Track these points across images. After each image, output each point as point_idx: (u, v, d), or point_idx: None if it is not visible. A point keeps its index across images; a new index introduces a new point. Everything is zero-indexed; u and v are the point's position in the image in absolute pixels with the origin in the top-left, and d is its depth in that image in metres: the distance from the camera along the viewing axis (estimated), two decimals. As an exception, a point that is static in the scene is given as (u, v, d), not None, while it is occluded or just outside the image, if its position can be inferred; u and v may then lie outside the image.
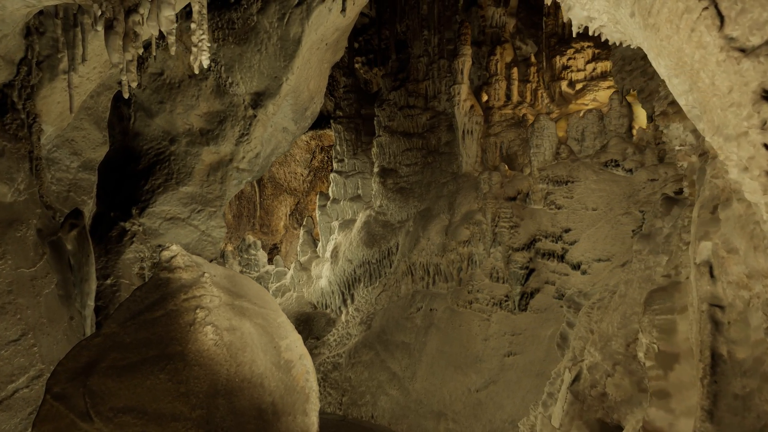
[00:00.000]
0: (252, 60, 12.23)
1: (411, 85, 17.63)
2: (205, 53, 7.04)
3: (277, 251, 26.64)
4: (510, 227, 13.50)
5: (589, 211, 12.95)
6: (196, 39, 7.07)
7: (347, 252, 17.74)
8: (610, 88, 15.06)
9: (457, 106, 15.07)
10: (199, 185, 12.82)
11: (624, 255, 11.70)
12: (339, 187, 19.23)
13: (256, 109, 12.67)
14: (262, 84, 12.52)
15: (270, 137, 13.62)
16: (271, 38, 12.01)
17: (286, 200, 26.23)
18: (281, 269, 20.82)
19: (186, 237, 12.80)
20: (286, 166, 25.57)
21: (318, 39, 12.47)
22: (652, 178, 12.47)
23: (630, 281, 6.70)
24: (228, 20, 11.97)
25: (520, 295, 13.11)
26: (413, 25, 17.75)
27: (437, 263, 14.90)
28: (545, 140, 13.81)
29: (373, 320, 16.09)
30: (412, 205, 16.63)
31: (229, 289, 7.32)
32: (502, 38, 16.23)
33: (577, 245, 12.78)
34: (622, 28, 4.11)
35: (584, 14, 4.48)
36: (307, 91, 13.69)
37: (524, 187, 14.14)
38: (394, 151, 17.52)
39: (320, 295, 18.70)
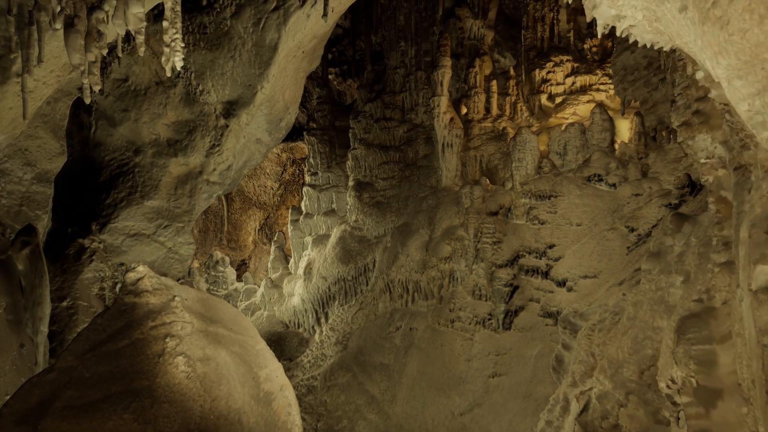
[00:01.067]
0: (225, 67, 11.56)
1: (388, 96, 17.20)
2: (178, 54, 6.39)
3: (246, 267, 25.67)
4: (493, 243, 13.09)
5: (574, 227, 12.66)
6: (168, 38, 6.42)
7: (321, 269, 17.06)
8: (590, 102, 14.94)
9: (436, 119, 14.69)
10: (165, 199, 11.99)
11: (612, 271, 11.41)
12: (312, 201, 18.57)
13: (229, 119, 11.97)
14: (235, 92, 11.84)
15: (243, 148, 12.91)
16: (246, 44, 11.37)
17: (255, 214, 25.36)
18: (251, 287, 19.94)
19: (151, 254, 11.93)
20: (255, 180, 24.75)
21: (295, 46, 11.90)
22: (636, 192, 12.28)
23: (639, 303, 6.29)
24: (199, 24, 11.30)
25: (504, 314, 12.68)
26: (390, 36, 17.38)
27: (417, 280, 14.37)
28: (527, 154, 13.53)
29: (350, 340, 15.40)
30: (390, 220, 16.11)
31: (203, 314, 6.65)
32: (481, 51, 15.98)
33: (561, 261, 12.45)
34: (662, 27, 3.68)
35: (612, 13, 4.05)
36: (283, 101, 13.07)
37: (506, 201, 13.80)
38: (371, 164, 17.01)
39: (293, 314, 17.91)
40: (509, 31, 16.86)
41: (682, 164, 11.81)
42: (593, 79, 15.14)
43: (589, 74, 15.21)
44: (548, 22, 15.81)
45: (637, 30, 4.11)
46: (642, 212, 11.77)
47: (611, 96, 14.95)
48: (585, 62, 15.53)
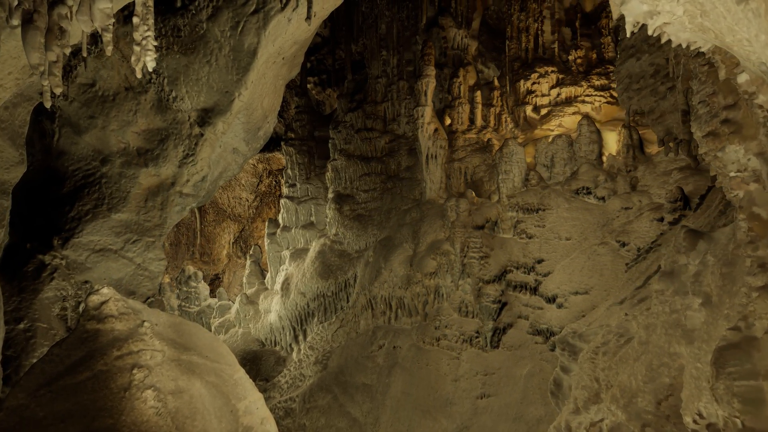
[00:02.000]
0: (200, 72, 10.92)
1: (369, 106, 16.73)
2: (150, 54, 5.78)
3: (219, 282, 24.76)
4: (480, 258, 12.65)
5: (563, 241, 12.31)
6: (139, 36, 5.81)
7: (300, 284, 16.39)
8: (575, 113, 14.71)
9: (420, 129, 14.26)
10: (135, 212, 11.23)
11: (604, 287, 11.06)
12: (290, 213, 17.92)
13: (204, 127, 11.32)
14: (210, 99, 11.20)
15: (218, 159, 12.25)
16: (223, 49, 10.77)
17: (229, 227, 24.53)
18: (225, 303, 19.12)
19: (118, 271, 11.14)
20: (230, 191, 23.95)
21: (275, 52, 11.34)
22: (626, 206, 12.01)
23: (652, 326, 5.86)
24: (173, 27, 10.65)
25: (492, 331, 12.22)
26: (371, 45, 16.95)
27: (401, 296, 13.83)
28: (514, 166, 13.17)
29: (330, 359, 14.74)
30: (372, 234, 15.56)
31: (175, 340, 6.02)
32: (465, 61, 15.66)
33: (551, 277, 12.07)
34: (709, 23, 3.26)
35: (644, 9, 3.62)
36: (261, 109, 12.46)
37: (493, 215, 13.40)
38: (351, 175, 16.48)
39: (269, 332, 17.16)
40: (493, 42, 16.60)
41: (672, 177, 11.59)
42: (578, 91, 14.93)
43: (574, 86, 15.01)
44: (532, 33, 15.60)
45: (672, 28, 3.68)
46: (633, 226, 11.49)
47: (597, 108, 14.75)
48: (570, 74, 15.33)
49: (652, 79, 6.74)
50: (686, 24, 3.47)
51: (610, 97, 14.66)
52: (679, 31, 3.62)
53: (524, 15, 15.60)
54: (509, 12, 15.77)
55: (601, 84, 14.79)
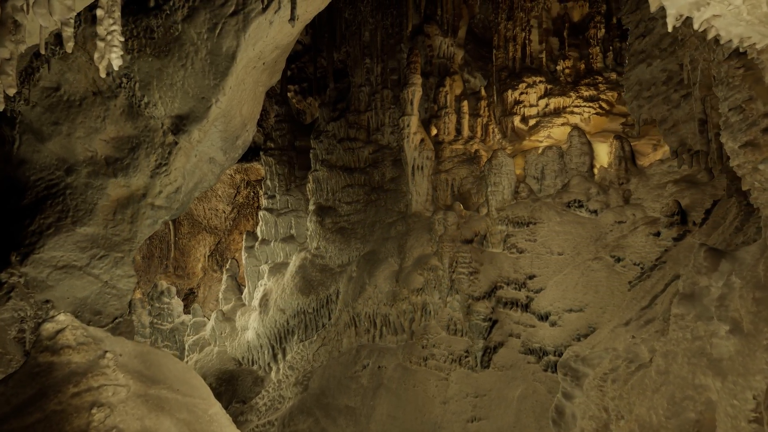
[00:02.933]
0: (174, 77, 10.24)
1: (352, 116, 16.19)
2: (115, 50, 5.13)
3: (194, 297, 23.81)
4: (469, 273, 12.13)
5: (555, 256, 11.87)
6: (103, 30, 5.16)
7: (279, 300, 15.66)
8: (564, 124, 14.38)
9: (406, 140, 13.75)
10: (102, 225, 10.44)
11: (599, 305, 10.62)
12: (269, 226, 17.20)
13: (178, 135, 10.62)
14: (186, 105, 10.52)
15: (194, 169, 11.54)
16: (199, 52, 10.12)
17: (205, 239, 23.64)
18: (200, 319, 18.24)
19: (83, 290, 10.32)
20: (206, 202, 23.10)
21: (255, 56, 10.74)
22: (620, 220, 11.64)
23: (672, 354, 5.36)
24: (146, 28, 9.97)
25: (482, 350, 11.67)
26: (354, 53, 16.44)
27: (386, 314, 13.21)
28: (504, 178, 12.73)
29: (311, 380, 14.01)
30: (355, 248, 14.95)
31: (142, 372, 5.36)
32: (451, 69, 15.25)
33: (543, 293, 11.60)
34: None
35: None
36: (240, 117, 11.81)
37: (481, 228, 12.91)
38: (333, 187, 15.87)
39: (246, 350, 16.36)
40: (479, 51, 16.24)
41: (666, 191, 11.26)
42: (567, 102, 14.63)
43: (562, 96, 14.70)
44: (520, 42, 15.29)
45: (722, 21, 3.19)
46: (628, 241, 11.10)
47: (586, 119, 14.45)
48: (558, 84, 15.03)
49: (665, 86, 6.37)
50: (743, 16, 2.99)
51: (599, 108, 14.38)
52: (730, 25, 3.14)
53: (511, 24, 15.28)
54: (496, 21, 15.45)
55: (590, 95, 14.51)
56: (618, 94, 14.52)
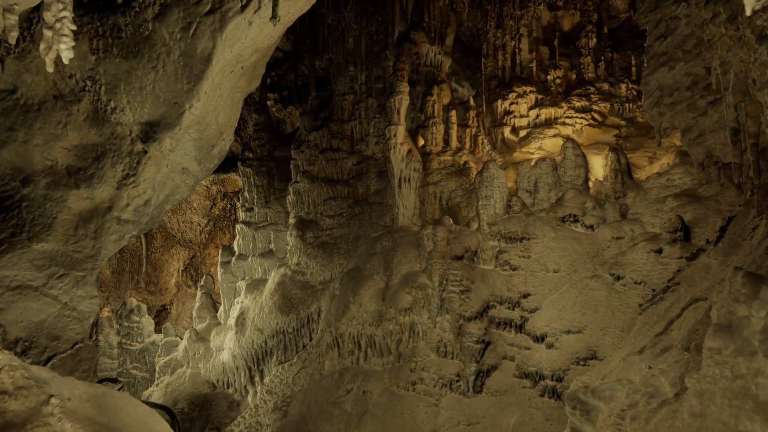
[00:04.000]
0: (144, 80, 9.41)
1: (334, 125, 15.48)
2: (65, 41, 4.35)
3: (167, 314, 22.69)
4: (460, 292, 11.45)
5: (550, 273, 11.27)
6: (51, 17, 4.38)
7: (257, 319, 14.77)
8: (556, 136, 13.88)
9: (392, 150, 13.08)
10: (62, 241, 9.51)
11: (599, 326, 10.02)
12: (247, 240, 16.32)
13: (148, 144, 9.77)
14: (156, 111, 9.69)
15: (165, 180, 10.67)
16: (172, 53, 9.32)
17: (178, 253, 22.59)
18: (172, 339, 17.19)
19: (39, 312, 9.36)
20: (180, 214, 22.10)
21: (233, 59, 9.98)
22: (617, 235, 11.11)
23: (708, 394, 4.71)
24: (112, 26, 9.15)
25: (475, 375, 10.97)
26: (337, 60, 15.78)
27: (371, 334, 12.44)
28: (495, 191, 12.13)
29: (291, 405, 13.13)
30: (338, 264, 14.17)
31: (95, 419, 4.69)
32: (439, 78, 14.67)
33: (539, 313, 10.98)
34: None
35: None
36: (216, 125, 11.00)
37: (472, 244, 12.27)
38: (315, 199, 15.11)
39: (221, 372, 15.38)
40: (467, 60, 15.72)
41: (666, 205, 10.77)
42: (558, 112, 14.15)
43: (554, 107, 14.22)
44: (509, 51, 14.81)
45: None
46: (627, 258, 10.56)
47: (578, 130, 13.98)
48: (549, 94, 14.56)
49: (689, 91, 5.84)
50: None
51: (591, 119, 13.93)
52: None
53: (501, 32, 14.80)
54: (485, 28, 14.95)
55: (582, 105, 14.06)
56: (611, 105, 14.10)
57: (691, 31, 5.64)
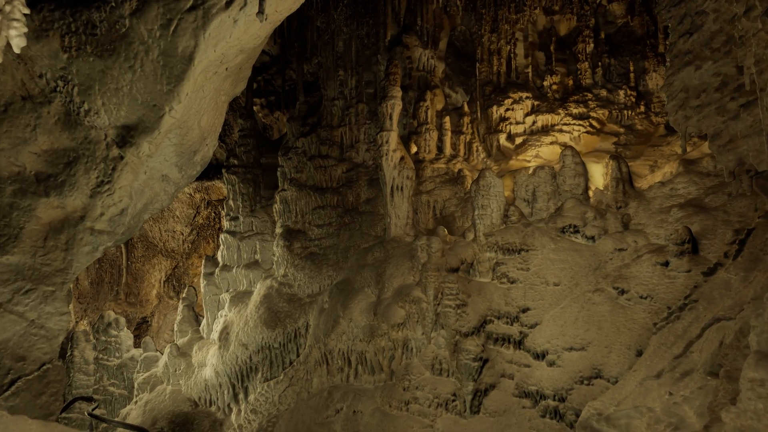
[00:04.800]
0: (120, 80, 8.78)
1: (323, 131, 14.92)
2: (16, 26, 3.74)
3: (147, 326, 21.84)
4: (457, 306, 10.89)
5: (551, 287, 10.77)
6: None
7: (241, 333, 14.08)
8: (553, 143, 13.44)
9: (385, 157, 12.54)
10: (30, 254, 8.80)
11: (604, 343, 9.51)
12: (231, 250, 15.64)
13: (124, 149, 9.12)
14: (134, 114, 9.05)
15: (143, 187, 9.99)
16: (151, 52, 8.70)
17: (160, 264, 21.79)
18: (151, 354, 16.41)
19: (4, 330, 8.63)
20: (162, 223, 21.32)
21: (216, 59, 9.38)
22: (620, 247, 10.64)
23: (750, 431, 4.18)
24: (86, 23, 8.51)
25: (472, 394, 10.39)
26: (326, 64, 15.24)
27: (362, 351, 11.83)
28: (492, 200, 11.63)
29: (276, 426, 12.45)
30: (327, 276, 13.56)
31: None
32: (432, 83, 14.19)
33: (539, 329, 10.45)
34: None
35: None
36: (198, 129, 10.37)
37: (468, 255, 11.74)
38: (303, 208, 14.51)
39: (203, 389, 14.65)
40: (460, 65, 15.28)
41: (671, 216, 10.33)
42: (555, 119, 13.73)
43: (550, 113, 13.80)
44: (504, 56, 14.38)
45: None
46: (631, 271, 10.09)
47: (576, 138, 13.56)
48: (546, 100, 14.13)
49: (718, 93, 5.39)
50: None
51: (589, 126, 13.51)
52: None
53: (495, 36, 14.36)
54: (479, 33, 14.51)
55: (579, 112, 13.65)
56: (609, 111, 13.70)
57: (719, 27, 5.21)
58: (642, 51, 13.96)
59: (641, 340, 9.13)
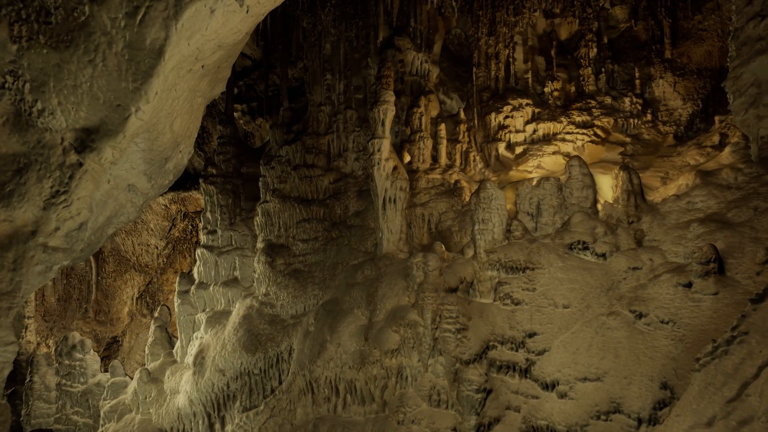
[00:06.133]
0: (79, 76, 7.67)
1: (309, 139, 13.92)
2: None
3: (118, 347, 20.45)
4: (457, 331, 9.90)
5: (560, 309, 9.84)
6: None
7: (218, 358, 12.91)
8: (555, 153, 12.60)
9: (376, 167, 11.57)
10: (-30, 274, 7.60)
11: (623, 373, 8.58)
12: (208, 266, 14.47)
13: (84, 154, 7.98)
14: (95, 115, 7.93)
15: (106, 198, 8.84)
16: (114, 44, 7.62)
17: (133, 279, 20.46)
18: (120, 379, 15.10)
19: (-64, 365, 7.38)
20: (135, 236, 20.05)
21: (191, 55, 8.32)
22: (634, 266, 9.78)
23: None
24: (39, 9, 7.41)
25: (475, 429, 9.37)
26: (313, 67, 14.28)
27: (352, 379, 10.76)
28: (494, 214, 10.71)
29: (256, 462, 11.27)
30: (312, 295, 12.49)
31: None
32: (426, 88, 13.31)
33: (548, 356, 9.50)
34: None
35: None
36: (170, 134, 9.26)
37: (467, 274, 10.78)
38: (286, 221, 13.45)
39: (176, 419, 13.41)
40: (455, 70, 14.43)
41: (691, 232, 9.50)
42: (557, 127, 12.91)
43: (552, 121, 12.99)
44: (503, 60, 13.56)
45: None
46: (649, 292, 9.21)
47: (579, 147, 12.74)
48: (547, 107, 13.33)
49: None
50: None
51: (594, 135, 12.72)
52: None
53: (493, 40, 13.55)
54: (476, 35, 13.69)
55: (583, 120, 12.86)
56: (614, 120, 12.93)
57: (801, 8, 4.42)
58: (647, 57, 13.26)
59: (665, 370, 8.23)
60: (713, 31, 12.53)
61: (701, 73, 12.72)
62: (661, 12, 13.02)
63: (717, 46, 12.55)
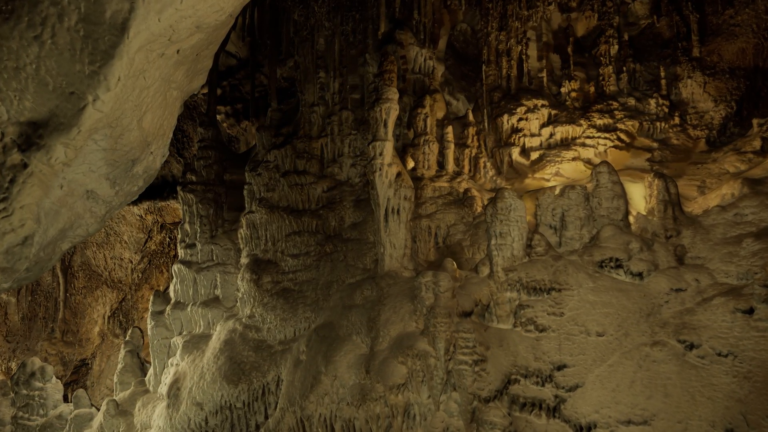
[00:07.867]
0: (23, 56, 6.26)
1: (301, 142, 12.55)
2: None
3: (87, 370, 18.74)
4: (474, 363, 8.54)
5: (593, 337, 8.52)
6: None
7: (195, 389, 11.39)
8: (575, 159, 11.38)
9: (378, 173, 10.21)
10: None
11: (675, 417, 7.26)
12: (186, 284, 12.97)
13: (29, 153, 6.53)
14: (43, 105, 6.51)
15: (58, 207, 7.36)
16: (66, 17, 6.22)
17: (105, 296, 18.83)
18: (85, 411, 13.44)
19: None
20: (107, 249, 18.45)
21: (162, 33, 6.91)
22: (678, 287, 8.52)
23: None
24: (-29, -29, 6.00)
25: (497, 480, 7.97)
26: (305, 64, 12.95)
27: (350, 417, 9.30)
28: (513, 227, 9.40)
29: None
30: (304, 318, 11.06)
31: None
32: (431, 87, 12.05)
33: (582, 393, 8.15)
34: None
35: None
36: (139, 131, 7.82)
37: (483, 295, 9.44)
38: (274, 233, 12.04)
39: (147, 458, 11.81)
40: (461, 69, 13.20)
41: (744, 248, 8.26)
42: (577, 131, 11.71)
43: (571, 124, 11.78)
44: (515, 57, 12.36)
45: None
46: (699, 318, 7.94)
47: (601, 153, 11.54)
48: (565, 109, 12.13)
49: None
50: None
51: (617, 140, 11.54)
52: None
53: (504, 35, 12.35)
54: (485, 30, 12.48)
55: (604, 123, 11.67)
56: (639, 123, 11.76)
57: None
58: (672, 55, 12.16)
59: (729, 413, 6.93)
60: (747, 26, 11.48)
61: (734, 73, 11.65)
62: (687, 7, 11.96)
63: (752, 42, 11.51)
